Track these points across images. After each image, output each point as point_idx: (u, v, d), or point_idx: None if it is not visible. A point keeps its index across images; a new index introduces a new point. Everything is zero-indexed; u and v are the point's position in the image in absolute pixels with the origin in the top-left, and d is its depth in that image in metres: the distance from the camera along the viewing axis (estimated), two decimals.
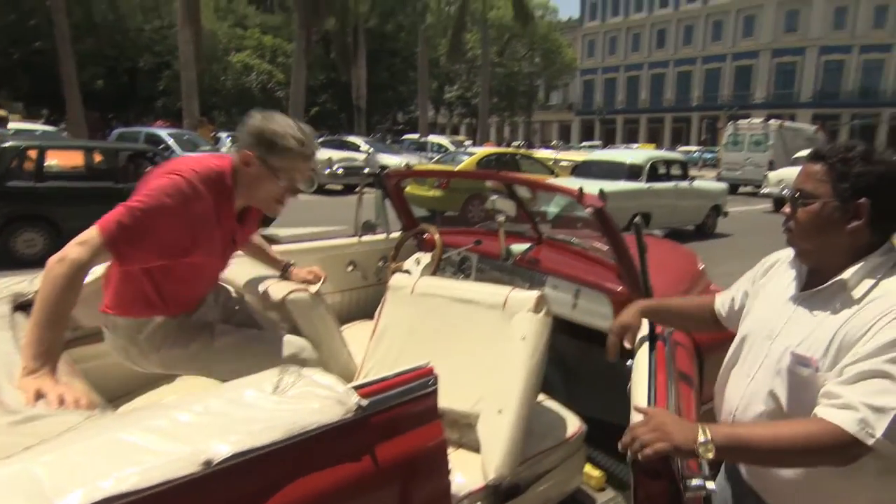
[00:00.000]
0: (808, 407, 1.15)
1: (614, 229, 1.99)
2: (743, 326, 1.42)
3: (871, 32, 44.38)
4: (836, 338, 1.15)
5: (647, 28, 54.68)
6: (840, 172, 1.18)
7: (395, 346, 2.15)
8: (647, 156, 10.14)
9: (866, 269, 1.18)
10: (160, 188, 1.54)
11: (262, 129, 1.65)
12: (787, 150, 17.52)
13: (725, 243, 9.70)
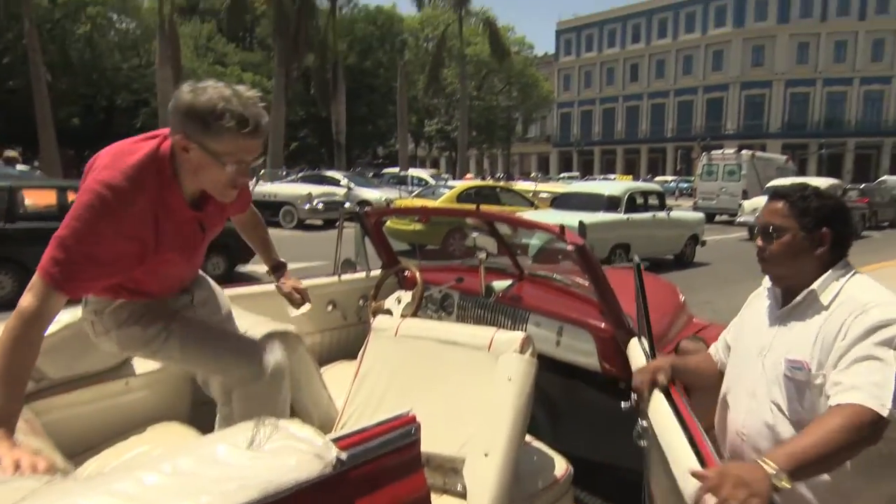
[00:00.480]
0: (806, 407, 1.34)
1: (596, 266, 1.99)
2: (734, 355, 1.60)
3: (833, 67, 46.40)
4: (817, 340, 1.35)
5: (620, 62, 56.38)
6: (801, 208, 1.43)
7: (378, 390, 2.09)
8: (625, 187, 10.30)
9: (830, 280, 1.42)
10: (86, 206, 1.36)
11: (191, 105, 1.36)
12: (759, 179, 17.99)
13: (704, 272, 9.81)
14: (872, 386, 1.19)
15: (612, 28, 56.68)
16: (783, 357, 1.41)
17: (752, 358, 1.50)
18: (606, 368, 2.20)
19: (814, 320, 1.39)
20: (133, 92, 30.55)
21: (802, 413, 1.36)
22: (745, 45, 48.25)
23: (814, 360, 1.34)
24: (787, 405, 1.39)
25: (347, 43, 37.80)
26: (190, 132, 1.38)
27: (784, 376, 1.39)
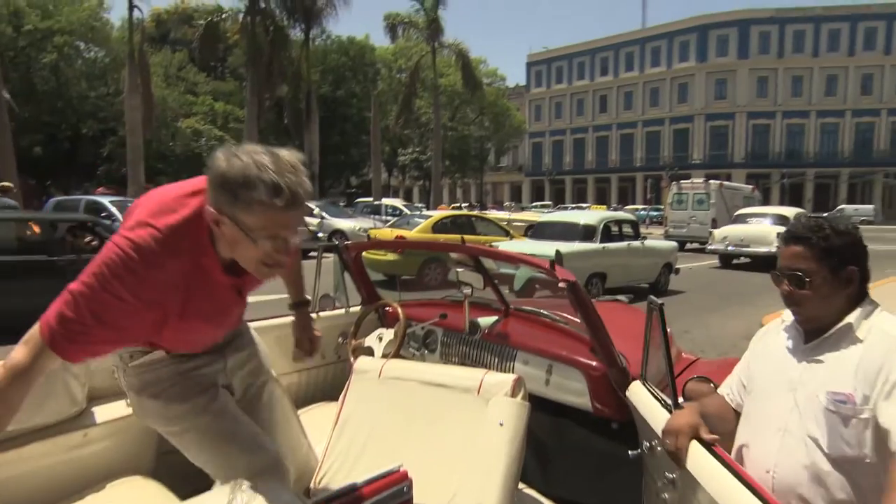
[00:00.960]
0: (851, 442, 1.31)
1: (588, 303, 1.93)
2: (754, 393, 1.55)
3: (791, 100, 48.51)
4: (857, 372, 1.34)
5: (589, 94, 57.91)
6: (824, 249, 1.42)
7: (360, 436, 1.98)
8: (601, 216, 10.41)
9: (863, 315, 1.43)
10: (108, 262, 1.22)
11: (223, 175, 1.20)
12: (727, 208, 18.51)
13: (680, 300, 9.90)
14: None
15: (581, 61, 58.34)
16: (823, 391, 1.38)
17: (780, 394, 1.46)
18: (598, 408, 2.13)
19: (849, 352, 1.38)
20: (100, 120, 30.02)
21: (845, 448, 1.32)
22: (708, 78, 50.11)
23: (857, 393, 1.32)
24: (826, 440, 1.35)
25: (320, 73, 37.99)
26: (222, 204, 1.22)
27: (826, 410, 1.35)
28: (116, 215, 11.08)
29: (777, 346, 1.56)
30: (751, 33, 48.56)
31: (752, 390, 1.57)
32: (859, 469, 1.32)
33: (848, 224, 1.49)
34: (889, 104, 47.38)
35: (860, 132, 48.12)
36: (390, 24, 30.54)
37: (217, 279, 1.37)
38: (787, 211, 16.30)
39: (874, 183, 47.16)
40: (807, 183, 47.02)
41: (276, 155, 1.23)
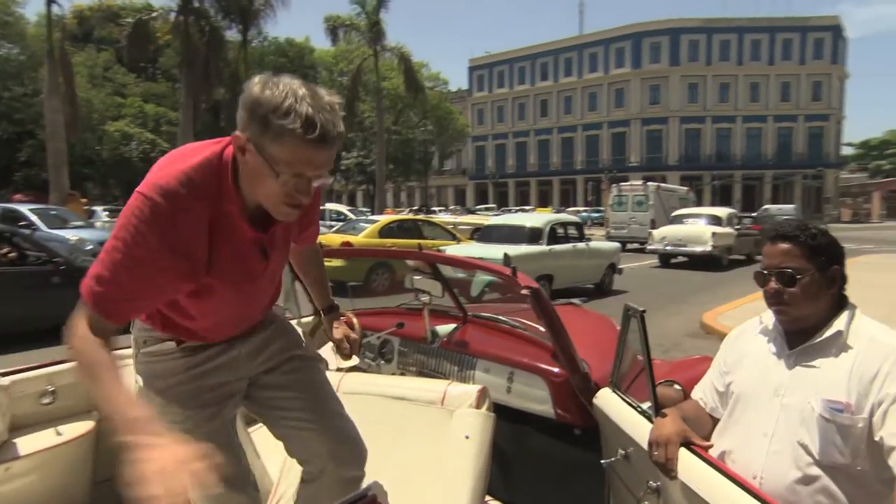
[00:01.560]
0: (840, 451, 1.31)
1: (550, 309, 1.91)
2: (733, 395, 1.53)
3: (719, 106, 51.11)
4: (851, 379, 1.33)
5: (531, 98, 59.09)
6: (812, 247, 1.43)
7: None
8: (547, 219, 10.58)
9: (849, 319, 1.43)
10: (133, 212, 1.16)
11: (256, 99, 1.13)
12: (665, 209, 19.27)
13: (623, 299, 10.05)
14: None
15: (522, 66, 59.47)
16: (816, 398, 1.36)
17: (765, 399, 1.45)
18: (561, 415, 2.11)
19: (841, 360, 1.38)
20: (15, 123, 28.10)
21: (837, 456, 1.32)
22: (643, 84, 52.13)
23: (852, 400, 1.32)
24: (818, 447, 1.34)
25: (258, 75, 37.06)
26: (250, 131, 1.16)
27: (820, 417, 1.34)
28: (38, 224, 10.37)
29: (758, 351, 1.54)
30: (681, 41, 50.89)
31: (734, 396, 1.55)
32: (849, 476, 1.32)
33: (823, 227, 1.51)
34: (805, 111, 50.75)
35: (781, 137, 51.30)
36: (331, 26, 30.12)
37: (241, 229, 1.28)
38: (720, 211, 17.13)
39: (794, 184, 50.32)
40: (735, 184, 49.66)
41: (314, 89, 1.17)
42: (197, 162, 1.22)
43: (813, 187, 50.64)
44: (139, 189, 1.20)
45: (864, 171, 62.99)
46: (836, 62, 51.57)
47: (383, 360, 2.67)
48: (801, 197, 50.25)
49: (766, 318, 1.59)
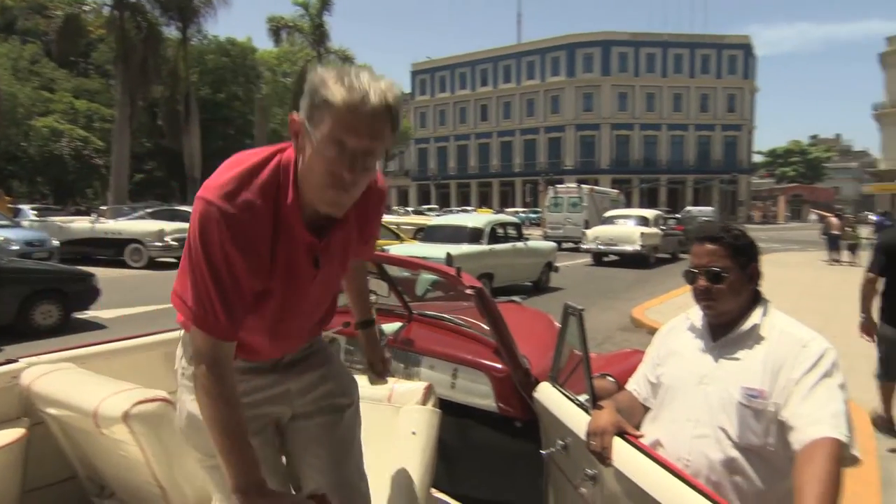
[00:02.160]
0: (755, 433, 1.41)
1: (493, 308, 1.94)
2: (663, 388, 1.61)
3: (646, 114, 53.28)
4: (765, 368, 1.43)
5: (471, 103, 59.62)
6: (735, 247, 1.53)
7: None
8: (487, 219, 10.72)
9: (763, 313, 1.53)
10: (201, 221, 1.11)
11: (309, 81, 1.10)
12: (597, 210, 19.92)
13: (560, 296, 10.46)
14: (831, 417, 1.29)
15: (463, 71, 59.92)
16: (735, 386, 1.45)
17: (691, 389, 1.53)
18: (503, 409, 2.15)
19: (756, 351, 1.48)
20: None
21: (752, 437, 1.42)
22: (576, 92, 53.63)
23: (765, 387, 1.41)
24: (736, 431, 1.43)
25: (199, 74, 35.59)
26: (303, 111, 1.11)
27: (739, 404, 1.43)
28: None
29: (685, 345, 1.63)
30: (612, 53, 52.70)
31: (664, 386, 1.63)
32: (761, 456, 1.42)
33: (742, 228, 1.61)
34: (721, 121, 53.71)
35: (701, 144, 54.03)
36: (274, 27, 29.38)
37: (298, 232, 1.20)
38: (648, 213, 17.86)
39: (712, 188, 53.13)
40: (661, 187, 51.93)
41: (367, 70, 1.11)
42: (256, 161, 1.16)
43: (729, 191, 53.65)
44: (201, 195, 1.13)
45: (772, 177, 67.30)
46: (748, 77, 54.86)
47: None
48: (718, 200, 53.08)
49: (692, 314, 1.68)
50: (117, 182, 19.47)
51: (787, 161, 64.89)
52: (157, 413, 1.68)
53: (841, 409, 1.33)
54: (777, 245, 24.45)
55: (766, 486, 1.41)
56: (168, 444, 1.70)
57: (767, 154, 67.93)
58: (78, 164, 29.47)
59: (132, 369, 2.12)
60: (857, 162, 74.26)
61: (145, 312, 7.70)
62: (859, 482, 3.31)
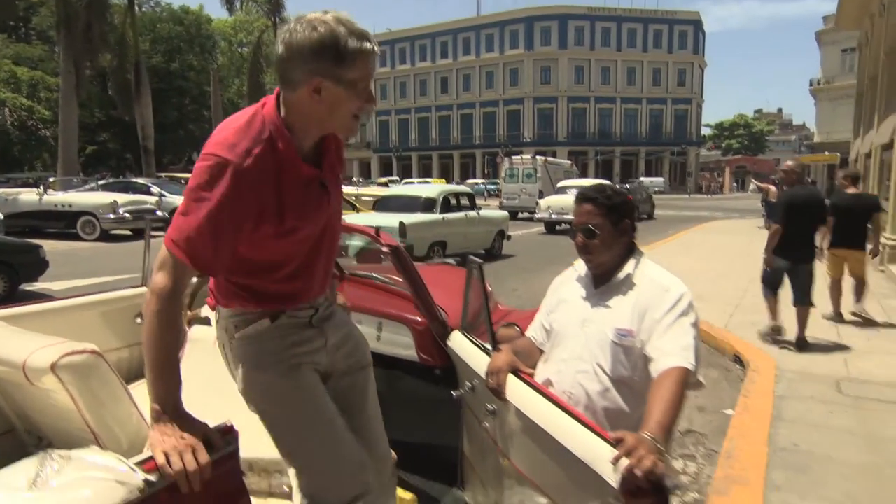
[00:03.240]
0: (625, 366, 1.59)
1: (409, 265, 2.05)
2: (554, 332, 1.78)
3: (601, 88, 53.68)
4: (634, 311, 1.60)
5: (431, 75, 58.79)
6: (608, 206, 1.69)
7: (196, 401, 1.92)
8: (440, 189, 10.78)
9: (635, 264, 1.70)
10: (205, 169, 1.20)
11: (319, 42, 1.19)
12: (552, 180, 20.20)
13: (511, 263, 10.69)
14: (682, 350, 1.49)
15: (423, 44, 58.86)
16: (610, 327, 1.62)
17: (575, 331, 1.69)
18: (423, 358, 2.29)
19: (627, 297, 1.65)
20: None
21: (624, 371, 1.60)
22: (534, 65, 53.49)
23: (634, 327, 1.59)
24: (609, 366, 1.60)
25: (150, 42, 33.89)
26: (321, 71, 1.21)
27: (612, 343, 1.60)
28: None
29: (572, 294, 1.79)
30: (569, 27, 52.60)
31: (554, 332, 1.80)
32: (630, 387, 1.60)
33: (622, 187, 1.79)
34: (672, 95, 54.65)
35: (653, 117, 54.94)
36: None
37: (302, 172, 1.32)
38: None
39: (663, 159, 54.40)
40: (615, 159, 52.79)
41: (336, 13, 1.24)
42: (246, 119, 1.27)
43: (678, 162, 55.03)
44: (207, 151, 1.23)
45: (718, 149, 69.20)
46: (697, 53, 55.76)
47: None
48: (668, 171, 54.48)
49: (578, 265, 1.84)
50: (66, 153, 18.58)
51: (733, 134, 66.78)
52: (86, 364, 1.73)
53: (691, 343, 1.52)
54: (720, 213, 25.39)
55: (630, 410, 1.59)
56: (98, 393, 1.76)
57: (715, 127, 69.66)
58: (23, 135, 27.92)
59: (68, 327, 2.15)
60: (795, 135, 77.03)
61: (97, 284, 7.53)
62: (755, 416, 3.64)
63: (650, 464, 1.12)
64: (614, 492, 1.14)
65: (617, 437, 1.20)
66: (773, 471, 2.95)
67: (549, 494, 1.47)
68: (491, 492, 1.89)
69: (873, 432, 3.43)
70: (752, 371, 4.53)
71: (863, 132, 15.62)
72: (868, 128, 14.17)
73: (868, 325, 5.86)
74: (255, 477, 1.84)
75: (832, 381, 4.29)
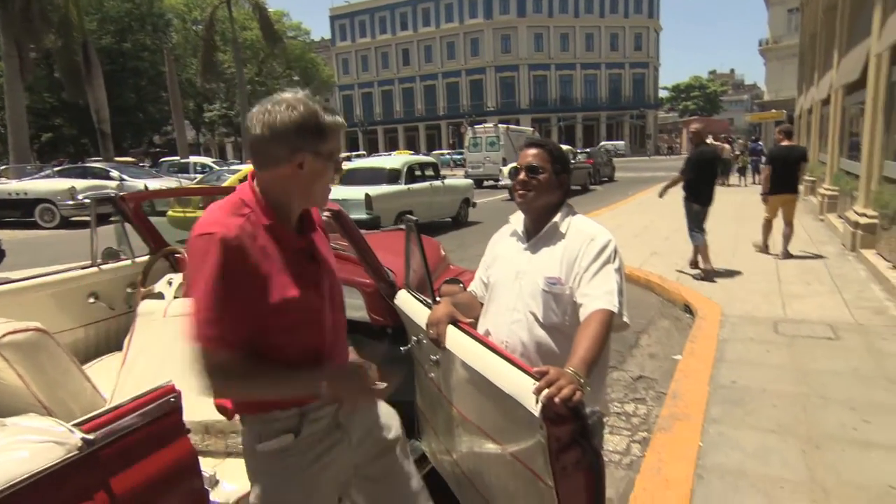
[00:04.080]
0: (555, 313, 1.64)
1: (353, 229, 2.06)
2: (492, 286, 1.83)
3: (561, 55, 53.39)
4: (563, 260, 1.65)
5: (393, 48, 57.53)
6: (553, 155, 1.75)
7: (150, 373, 1.93)
8: (404, 160, 10.71)
9: (563, 215, 1.74)
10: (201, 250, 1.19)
11: (300, 123, 1.25)
12: (514, 148, 20.18)
13: (477, 229, 10.76)
14: (606, 294, 1.55)
15: (382, 15, 57.37)
16: (541, 276, 1.67)
17: (510, 282, 1.74)
18: (375, 318, 2.33)
19: (557, 247, 1.69)
20: None
21: (555, 318, 1.65)
22: (495, 34, 52.78)
23: (563, 275, 1.64)
24: (541, 313, 1.66)
25: (98, 21, 32.14)
26: (304, 147, 1.26)
27: (542, 291, 1.66)
28: None
29: (507, 248, 1.83)
30: None
31: (491, 286, 1.85)
32: (561, 332, 1.66)
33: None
34: (630, 59, 54.74)
35: (612, 82, 55.05)
36: None
37: (289, 240, 1.33)
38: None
39: (623, 123, 54.79)
40: (577, 125, 52.95)
41: (302, 92, 1.31)
42: (229, 201, 1.30)
43: (638, 125, 55.50)
44: (196, 233, 1.22)
45: (675, 111, 70.02)
46: (652, 17, 55.74)
47: None
48: (629, 134, 54.95)
49: (514, 219, 1.88)
50: (17, 140, 17.65)
51: (689, 95, 67.50)
52: (30, 341, 1.71)
53: (614, 288, 1.58)
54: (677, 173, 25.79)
55: (561, 352, 1.65)
56: (47, 370, 1.75)
57: (672, 90, 70.28)
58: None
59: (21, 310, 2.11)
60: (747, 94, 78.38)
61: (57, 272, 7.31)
62: (699, 359, 3.82)
63: (569, 392, 1.18)
64: (538, 421, 1.20)
65: (540, 371, 1.25)
66: (712, 406, 3.12)
67: (491, 435, 1.53)
68: (443, 439, 1.96)
69: (803, 366, 3.64)
70: (700, 318, 4.72)
71: (805, 89, 16.01)
72: (810, 85, 14.53)
73: (808, 272, 6.14)
74: (213, 438, 1.86)
75: (771, 322, 4.51)
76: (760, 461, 2.57)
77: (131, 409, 1.22)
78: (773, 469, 2.51)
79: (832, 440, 2.73)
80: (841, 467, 2.50)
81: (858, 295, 5.15)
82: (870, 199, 6.56)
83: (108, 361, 2.36)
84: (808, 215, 10.45)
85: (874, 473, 2.45)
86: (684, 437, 2.78)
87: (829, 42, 11.06)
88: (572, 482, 1.23)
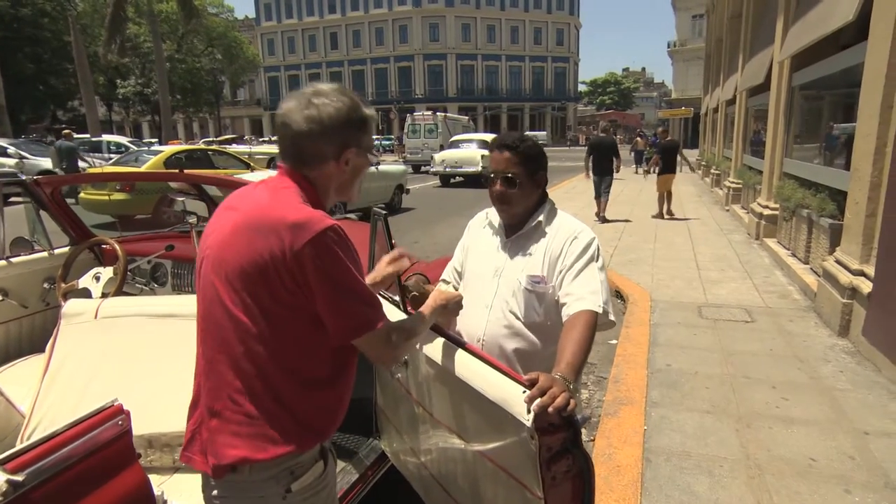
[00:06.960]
0: (537, 312, 1.57)
1: None
2: (466, 279, 1.74)
3: (487, 46, 53.76)
4: (545, 259, 1.58)
5: (320, 31, 55.43)
6: (526, 157, 1.61)
7: (78, 383, 1.66)
8: None
9: (546, 213, 1.65)
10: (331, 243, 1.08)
11: (347, 116, 1.16)
12: (451, 135, 20.21)
13: (410, 216, 10.60)
14: (591, 294, 1.48)
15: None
16: (523, 274, 1.58)
17: (488, 278, 1.65)
18: None
19: (539, 244, 1.61)
20: None
21: (536, 317, 1.57)
22: (423, 22, 52.17)
23: (546, 274, 1.56)
24: (522, 312, 1.58)
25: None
26: (350, 140, 1.18)
27: (525, 290, 1.57)
28: None
29: (484, 242, 1.73)
30: None
31: (465, 279, 1.74)
32: (542, 331, 1.59)
33: (536, 140, 1.71)
34: (552, 53, 56.10)
35: (535, 75, 56.23)
36: None
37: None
38: (488, 137, 18.49)
39: (546, 115, 56.24)
40: (502, 114, 53.69)
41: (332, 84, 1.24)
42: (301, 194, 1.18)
43: (559, 117, 57.18)
44: (316, 229, 1.08)
45: (593, 105, 72.79)
46: (573, 14, 57.33)
47: (157, 283, 2.42)
48: (550, 125, 56.48)
49: (491, 213, 1.77)
50: None
51: (605, 91, 70.34)
52: None
53: (598, 287, 1.51)
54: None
55: (542, 348, 1.59)
56: None
57: (589, 84, 72.87)
58: None
59: None
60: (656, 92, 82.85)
61: None
62: (635, 344, 3.93)
63: (563, 401, 1.11)
64: (529, 430, 1.12)
65: (531, 379, 1.17)
66: (652, 390, 3.22)
67: (469, 441, 1.44)
68: (408, 440, 1.85)
69: (727, 347, 3.85)
70: (631, 304, 4.88)
71: (710, 89, 17.06)
72: (715, 86, 15.49)
73: (721, 260, 6.54)
74: (158, 453, 1.64)
75: (695, 307, 4.74)
76: (700, 442, 2.67)
77: (70, 437, 1.00)
78: (712, 449, 2.61)
79: (760, 418, 2.88)
80: (770, 443, 2.64)
81: (765, 280, 5.54)
82: (772, 192, 7.07)
83: (24, 366, 2.04)
84: (715, 206, 11.18)
85: (798, 448, 2.61)
86: (630, 422, 2.84)
87: (734, 47, 11.78)
88: (561, 491, 1.16)
